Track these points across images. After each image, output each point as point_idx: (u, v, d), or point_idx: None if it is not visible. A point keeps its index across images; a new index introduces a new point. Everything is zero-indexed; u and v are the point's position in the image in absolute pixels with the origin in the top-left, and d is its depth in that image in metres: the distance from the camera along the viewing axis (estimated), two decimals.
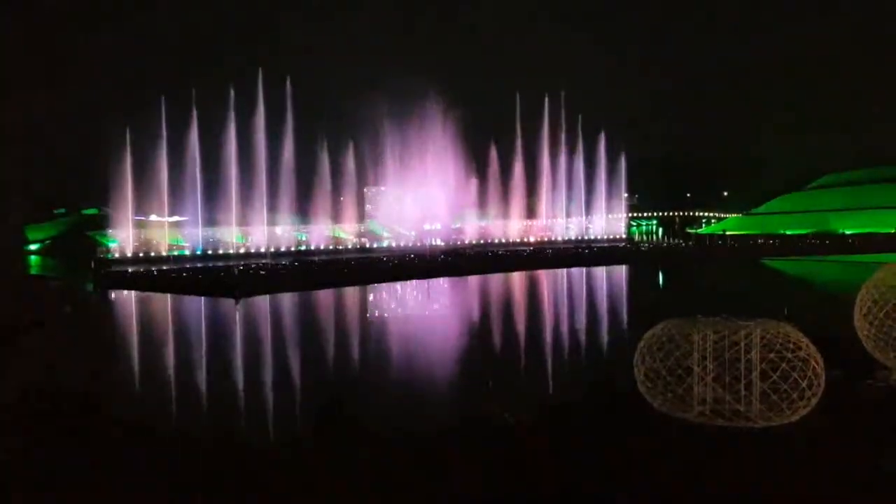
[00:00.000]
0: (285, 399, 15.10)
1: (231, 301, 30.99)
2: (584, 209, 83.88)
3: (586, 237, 79.67)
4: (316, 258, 51.26)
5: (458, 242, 72.64)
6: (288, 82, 66.71)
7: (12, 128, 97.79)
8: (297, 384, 16.57)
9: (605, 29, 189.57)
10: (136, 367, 18.95)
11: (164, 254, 59.65)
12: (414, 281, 40.00)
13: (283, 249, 63.02)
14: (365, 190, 79.36)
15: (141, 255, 58.45)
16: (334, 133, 73.53)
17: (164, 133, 63.06)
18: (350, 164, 74.73)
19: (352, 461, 10.65)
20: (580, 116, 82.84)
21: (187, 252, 61.31)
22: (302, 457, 11.03)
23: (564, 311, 28.83)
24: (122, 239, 61.86)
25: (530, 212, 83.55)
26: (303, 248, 65.29)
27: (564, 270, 46.91)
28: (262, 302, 31.72)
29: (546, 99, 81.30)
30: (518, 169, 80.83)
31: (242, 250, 61.87)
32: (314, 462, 10.71)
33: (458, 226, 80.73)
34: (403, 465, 10.38)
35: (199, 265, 47.43)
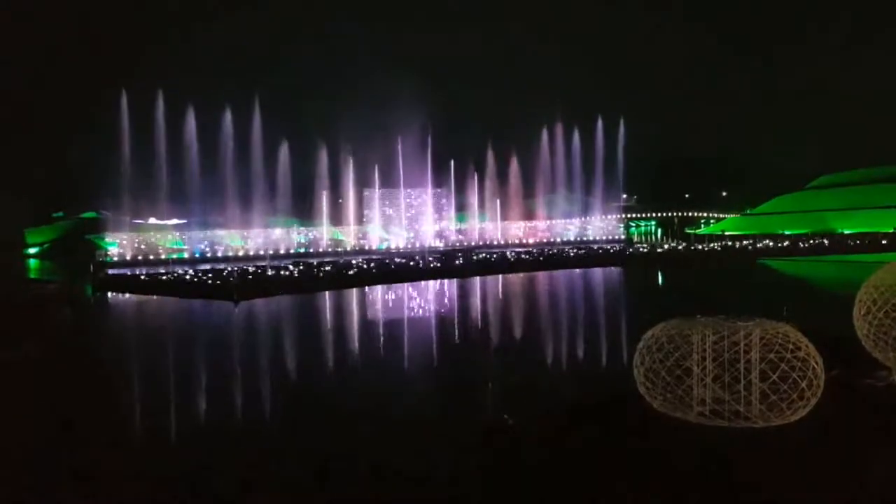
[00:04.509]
0: (291, 396, 15.11)
1: (230, 304, 30.97)
2: (582, 210, 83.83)
3: (584, 238, 79.59)
4: (315, 261, 51.16)
5: (457, 244, 72.73)
6: (288, 86, 66.71)
7: (12, 131, 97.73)
8: (302, 382, 16.61)
9: (604, 29, 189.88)
10: (135, 373, 18.95)
11: (163, 257, 59.54)
12: (411, 283, 40.06)
13: (282, 252, 62.93)
14: (364, 192, 79.23)
15: (140, 258, 58.37)
16: (334, 136, 73.55)
17: (163, 136, 63.04)
18: (350, 166, 74.81)
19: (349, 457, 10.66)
20: (578, 117, 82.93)
21: (186, 255, 61.23)
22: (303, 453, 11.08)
23: (557, 313, 28.81)
24: (120, 242, 61.77)
25: (528, 213, 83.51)
26: (302, 250, 65.22)
27: (561, 272, 46.87)
28: (261, 305, 31.68)
29: (545, 100, 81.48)
30: (515, 170, 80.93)
31: (241, 253, 61.75)
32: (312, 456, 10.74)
33: (456, 227, 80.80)
34: (396, 462, 10.38)
35: (198, 268, 47.37)
